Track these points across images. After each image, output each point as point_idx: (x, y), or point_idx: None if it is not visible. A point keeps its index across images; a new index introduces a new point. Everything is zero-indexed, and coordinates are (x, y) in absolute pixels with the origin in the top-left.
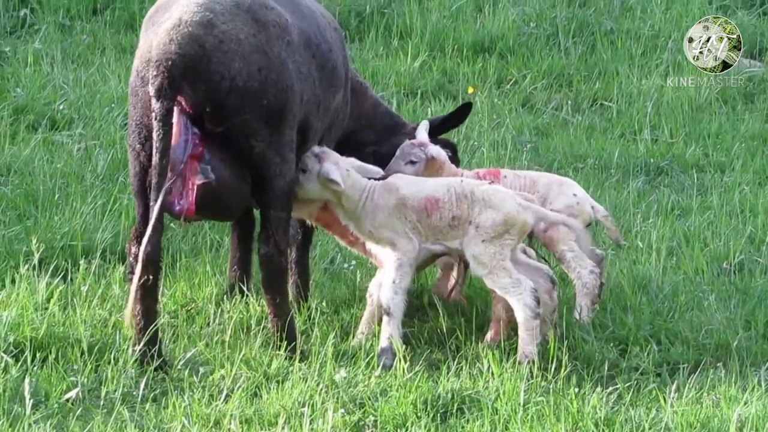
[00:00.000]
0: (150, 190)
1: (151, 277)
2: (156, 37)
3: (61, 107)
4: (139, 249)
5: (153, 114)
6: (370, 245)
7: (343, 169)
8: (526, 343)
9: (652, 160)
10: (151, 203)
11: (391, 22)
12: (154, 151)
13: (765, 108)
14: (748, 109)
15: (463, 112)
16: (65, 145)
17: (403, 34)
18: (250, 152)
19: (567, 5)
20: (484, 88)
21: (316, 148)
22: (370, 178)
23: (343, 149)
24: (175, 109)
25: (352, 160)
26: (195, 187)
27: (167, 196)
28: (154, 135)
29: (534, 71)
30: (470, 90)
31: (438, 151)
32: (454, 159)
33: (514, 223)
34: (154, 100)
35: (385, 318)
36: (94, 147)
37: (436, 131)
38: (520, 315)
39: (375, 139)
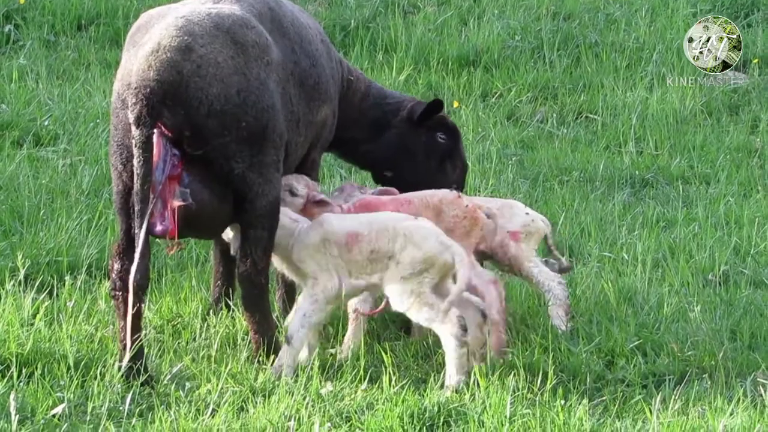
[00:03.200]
0: (133, 214)
1: (140, 301)
2: (136, 61)
3: (46, 123)
4: (121, 265)
5: (133, 141)
6: (294, 276)
7: None
8: (453, 374)
9: (637, 172)
10: (135, 230)
11: (376, 36)
12: (135, 177)
13: (749, 120)
14: (732, 121)
15: (432, 107)
16: (50, 161)
17: (388, 48)
18: (230, 173)
19: (552, 18)
20: (469, 102)
21: None
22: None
23: (340, 150)
24: (155, 131)
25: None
26: (175, 210)
27: (149, 218)
28: (135, 161)
29: (519, 84)
30: (455, 104)
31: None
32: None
33: (434, 262)
34: (133, 127)
35: (284, 346)
36: (79, 162)
37: (420, 123)
38: (449, 344)
39: (365, 137)
